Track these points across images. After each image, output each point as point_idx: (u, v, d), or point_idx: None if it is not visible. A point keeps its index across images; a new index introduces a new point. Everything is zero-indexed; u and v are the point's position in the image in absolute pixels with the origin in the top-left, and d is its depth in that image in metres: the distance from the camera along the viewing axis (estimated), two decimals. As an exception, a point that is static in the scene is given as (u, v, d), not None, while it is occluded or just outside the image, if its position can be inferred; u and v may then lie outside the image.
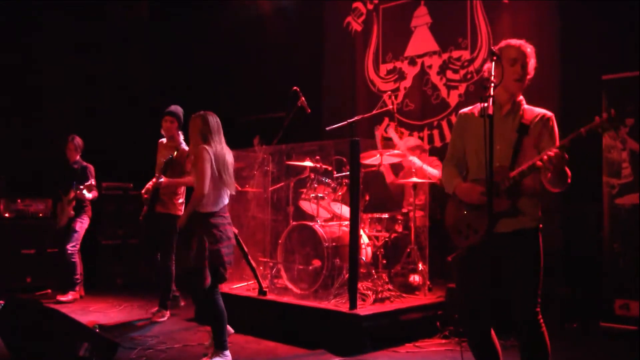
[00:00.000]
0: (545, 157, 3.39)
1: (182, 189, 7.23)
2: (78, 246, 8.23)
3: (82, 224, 8.30)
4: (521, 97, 3.83)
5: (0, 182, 9.26)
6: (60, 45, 9.96)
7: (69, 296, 8.12)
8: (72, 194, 8.12)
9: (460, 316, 4.12)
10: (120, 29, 10.47)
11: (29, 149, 9.67)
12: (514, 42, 3.82)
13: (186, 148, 6.96)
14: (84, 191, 8.01)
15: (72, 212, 8.19)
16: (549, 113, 3.76)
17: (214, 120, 5.47)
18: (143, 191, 7.14)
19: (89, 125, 9.92)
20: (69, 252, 8.11)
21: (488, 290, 3.63)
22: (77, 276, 8.23)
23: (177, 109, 7.27)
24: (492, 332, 3.78)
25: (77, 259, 8.21)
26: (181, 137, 7.18)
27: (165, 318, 7.15)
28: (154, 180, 7.01)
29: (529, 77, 3.77)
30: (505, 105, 3.80)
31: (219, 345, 5.26)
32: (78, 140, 8.43)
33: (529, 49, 3.78)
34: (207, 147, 5.32)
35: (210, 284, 5.23)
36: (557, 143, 3.61)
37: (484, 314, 3.70)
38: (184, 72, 10.93)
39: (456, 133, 4.10)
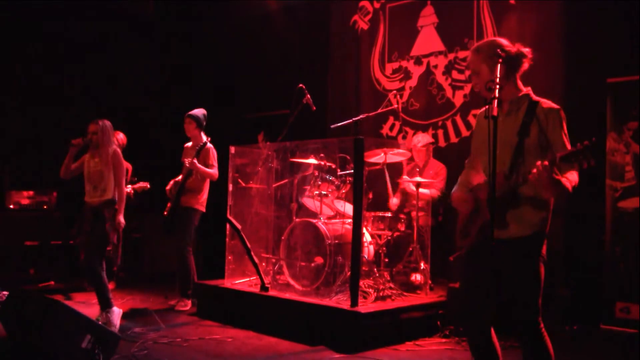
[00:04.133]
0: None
1: (207, 186, 7.57)
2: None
3: None
4: (524, 92, 3.68)
5: (5, 174, 9.29)
6: (66, 40, 9.97)
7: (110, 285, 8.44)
8: None
9: (460, 315, 4.11)
10: (124, 27, 10.47)
11: (34, 141, 9.70)
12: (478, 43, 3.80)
13: (210, 146, 7.48)
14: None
15: None
16: (555, 106, 3.59)
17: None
18: (168, 187, 7.60)
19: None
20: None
21: (487, 291, 3.63)
22: (115, 268, 8.63)
23: (197, 111, 7.63)
24: (493, 332, 3.78)
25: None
26: (203, 137, 7.47)
27: (188, 307, 7.37)
28: (178, 178, 7.51)
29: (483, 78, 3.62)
30: (505, 104, 3.68)
31: (107, 305, 6.24)
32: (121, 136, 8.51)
33: (479, 49, 3.70)
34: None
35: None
36: (566, 140, 3.50)
37: (484, 314, 3.71)
38: (189, 70, 10.95)
39: (475, 131, 4.06)
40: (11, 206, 8.92)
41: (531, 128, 3.56)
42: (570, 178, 3.37)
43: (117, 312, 6.27)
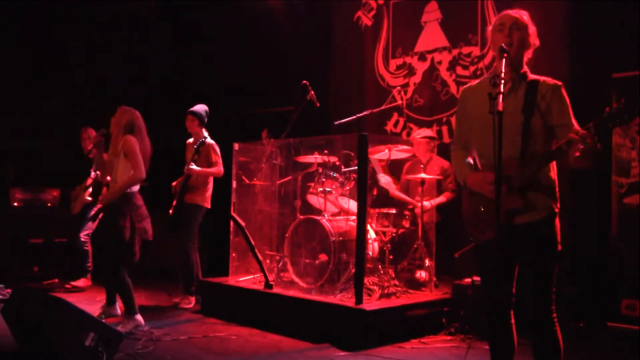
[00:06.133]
0: (576, 137, 3.23)
1: (211, 182, 7.57)
2: (90, 234, 8.32)
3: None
4: (525, 70, 3.68)
5: (9, 171, 9.30)
6: (68, 36, 9.97)
7: (81, 282, 8.36)
8: (88, 181, 8.28)
9: (483, 307, 4.01)
10: (127, 23, 10.46)
11: (38, 139, 9.70)
12: (508, 11, 3.76)
13: (211, 142, 7.44)
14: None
15: (89, 199, 8.35)
16: (557, 82, 3.59)
17: (137, 114, 6.29)
18: (174, 184, 7.57)
19: (95, 117, 9.99)
20: (82, 239, 8.34)
21: (508, 281, 3.63)
22: (89, 264, 8.44)
23: (199, 108, 7.61)
24: (513, 326, 3.74)
25: (89, 247, 8.36)
26: (205, 133, 7.47)
27: (192, 305, 7.38)
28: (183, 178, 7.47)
29: (517, 44, 3.60)
30: (507, 82, 3.53)
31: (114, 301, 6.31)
32: (91, 131, 8.71)
33: (520, 16, 3.68)
34: (133, 137, 6.09)
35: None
36: (572, 115, 3.51)
37: (506, 306, 3.67)
38: (193, 66, 10.93)
39: (460, 113, 3.96)
40: (15, 204, 8.92)
41: (537, 105, 3.53)
42: None
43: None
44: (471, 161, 3.85)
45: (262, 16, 10.19)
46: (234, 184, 7.47)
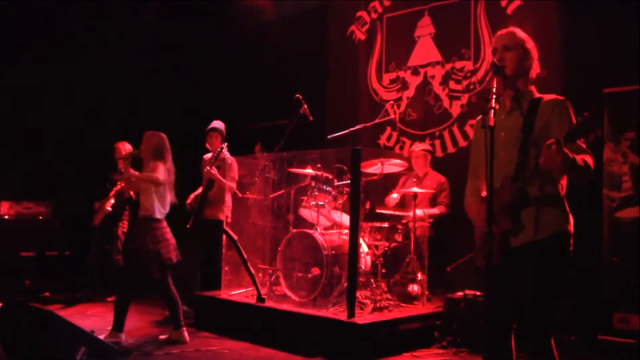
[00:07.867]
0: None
1: (230, 199, 7.53)
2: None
3: (124, 229, 8.78)
4: (530, 88, 3.67)
5: (2, 183, 9.25)
6: (67, 45, 9.95)
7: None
8: (111, 193, 8.44)
9: (483, 326, 3.96)
10: (124, 34, 10.45)
11: (29, 151, 9.67)
12: (500, 32, 3.79)
13: (232, 158, 7.49)
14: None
15: (109, 209, 8.46)
16: (559, 97, 3.56)
17: (164, 138, 6.38)
18: (188, 201, 7.56)
19: (91, 128, 9.98)
20: (116, 258, 8.60)
21: (508, 302, 3.55)
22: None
23: (219, 124, 7.73)
24: (513, 349, 3.68)
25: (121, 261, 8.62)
26: (225, 150, 7.41)
27: None
28: (198, 191, 7.50)
29: (511, 64, 3.61)
30: (507, 101, 3.65)
31: (178, 325, 6.28)
32: (124, 145, 8.87)
33: (513, 37, 3.71)
34: (161, 163, 6.22)
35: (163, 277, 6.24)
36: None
37: (506, 326, 3.62)
38: (187, 79, 10.93)
39: (474, 140, 4.00)
40: (7, 216, 8.88)
41: (535, 123, 3.51)
42: (585, 159, 3.29)
43: None
44: (483, 194, 3.79)
45: (256, 30, 10.22)
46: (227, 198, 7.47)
